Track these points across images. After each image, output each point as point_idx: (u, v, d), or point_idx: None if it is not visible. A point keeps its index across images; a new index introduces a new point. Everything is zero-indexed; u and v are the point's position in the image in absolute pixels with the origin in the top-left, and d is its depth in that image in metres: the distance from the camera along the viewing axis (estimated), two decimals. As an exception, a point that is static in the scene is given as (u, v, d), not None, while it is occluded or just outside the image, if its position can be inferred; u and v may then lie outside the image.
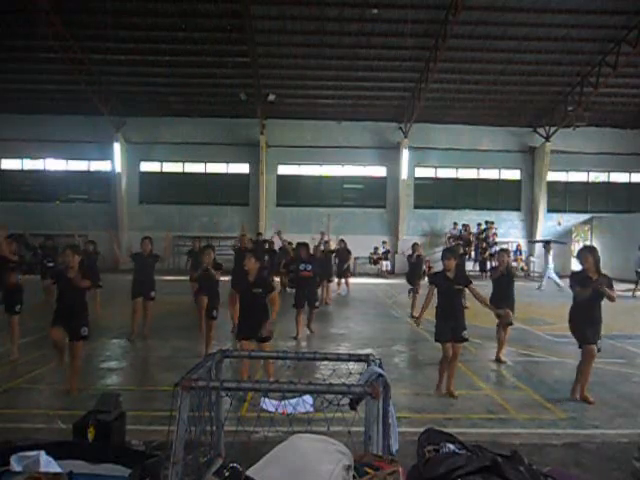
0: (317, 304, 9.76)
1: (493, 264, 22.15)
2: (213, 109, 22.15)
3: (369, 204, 23.44)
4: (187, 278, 12.51)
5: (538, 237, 23.21)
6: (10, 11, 16.01)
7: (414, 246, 12.26)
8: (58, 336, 5.82)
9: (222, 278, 8.15)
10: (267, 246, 15.86)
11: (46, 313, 6.96)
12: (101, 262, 18.15)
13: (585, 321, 5.80)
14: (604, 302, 5.82)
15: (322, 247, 13.46)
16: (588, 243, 22.78)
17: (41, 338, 8.12)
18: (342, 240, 15.27)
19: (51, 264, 11.91)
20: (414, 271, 12.11)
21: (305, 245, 9.73)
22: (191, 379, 2.48)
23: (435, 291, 6.19)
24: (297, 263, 9.65)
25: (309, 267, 9.39)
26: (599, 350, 5.81)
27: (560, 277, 17.51)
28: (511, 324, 7.73)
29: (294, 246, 11.68)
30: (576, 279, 5.95)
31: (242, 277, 6.21)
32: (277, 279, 14.49)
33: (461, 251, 13.43)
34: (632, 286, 17.01)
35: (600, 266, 5.89)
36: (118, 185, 22.31)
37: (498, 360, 7.61)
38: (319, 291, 11.35)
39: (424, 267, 13.93)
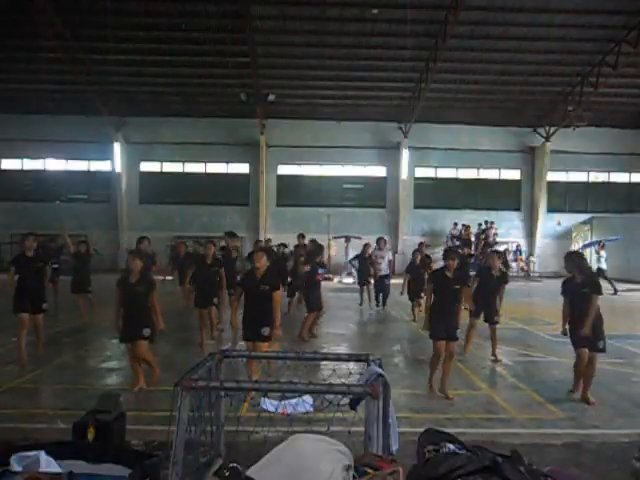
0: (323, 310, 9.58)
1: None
2: (213, 109, 22.14)
3: (369, 204, 23.43)
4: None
5: (538, 237, 23.23)
6: (11, 11, 16.00)
7: (419, 247, 11.69)
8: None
9: None
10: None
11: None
12: (99, 262, 18.04)
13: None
14: (605, 302, 5.83)
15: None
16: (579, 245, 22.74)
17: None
18: (367, 244, 13.78)
19: (55, 266, 11.25)
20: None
21: (321, 247, 9.61)
22: (191, 379, 2.48)
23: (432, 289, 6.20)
24: (312, 265, 9.25)
25: (323, 270, 9.26)
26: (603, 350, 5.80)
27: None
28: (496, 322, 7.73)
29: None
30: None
31: (248, 273, 6.26)
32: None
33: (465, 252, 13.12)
34: (633, 286, 17.00)
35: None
36: (118, 185, 22.30)
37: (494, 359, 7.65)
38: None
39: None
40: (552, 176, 23.34)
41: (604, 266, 16.65)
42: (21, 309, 7.03)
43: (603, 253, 17.22)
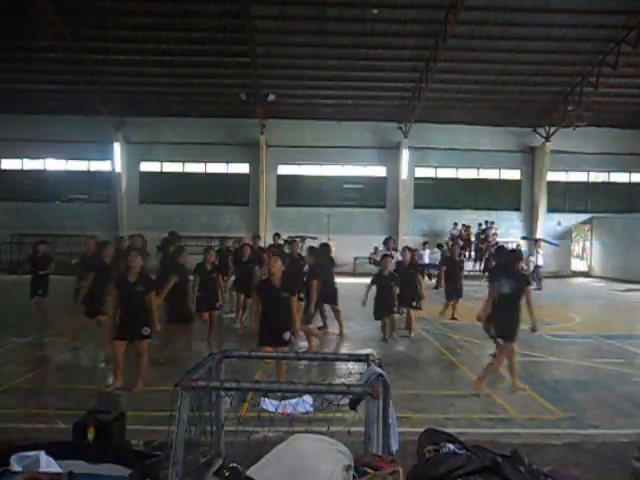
0: None
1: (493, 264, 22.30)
2: (213, 109, 22.12)
3: (369, 204, 23.41)
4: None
5: (538, 237, 23.21)
6: (11, 11, 15.99)
7: (404, 250, 9.92)
8: None
9: None
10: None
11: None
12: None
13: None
14: (605, 302, 5.86)
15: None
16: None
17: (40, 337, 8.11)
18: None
19: (42, 272, 9.66)
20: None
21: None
22: (191, 379, 2.47)
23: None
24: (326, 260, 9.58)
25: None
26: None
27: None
28: None
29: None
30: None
31: (265, 281, 6.24)
32: None
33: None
34: (632, 286, 17.00)
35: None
36: (118, 185, 22.29)
37: None
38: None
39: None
40: (552, 176, 23.33)
41: (540, 262, 18.38)
42: None
43: (540, 250, 18.69)
